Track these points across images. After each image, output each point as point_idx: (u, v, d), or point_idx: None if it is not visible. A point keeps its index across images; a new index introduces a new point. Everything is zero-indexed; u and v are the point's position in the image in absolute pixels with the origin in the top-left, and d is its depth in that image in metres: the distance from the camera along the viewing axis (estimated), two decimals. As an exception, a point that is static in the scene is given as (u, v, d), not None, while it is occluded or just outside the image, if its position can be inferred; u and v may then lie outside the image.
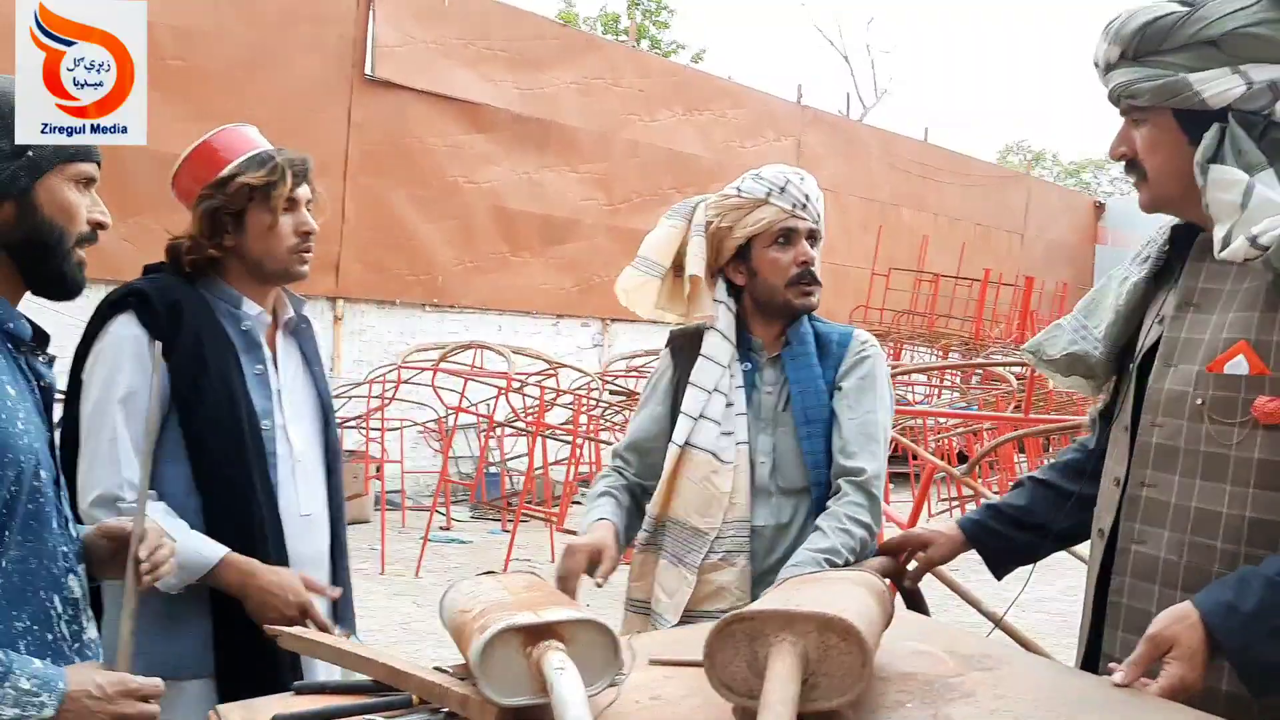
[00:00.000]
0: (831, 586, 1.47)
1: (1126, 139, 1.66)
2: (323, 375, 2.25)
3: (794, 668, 1.16)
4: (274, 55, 9.67)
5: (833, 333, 2.28)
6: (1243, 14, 1.49)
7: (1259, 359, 1.50)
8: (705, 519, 2.13)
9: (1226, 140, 1.53)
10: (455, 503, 9.79)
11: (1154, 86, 1.56)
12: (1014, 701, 1.37)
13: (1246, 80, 1.51)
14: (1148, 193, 1.67)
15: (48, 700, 1.31)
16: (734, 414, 2.19)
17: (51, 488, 1.48)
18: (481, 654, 1.22)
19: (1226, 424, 1.52)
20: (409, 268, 10.78)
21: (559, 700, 1.15)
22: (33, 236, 1.49)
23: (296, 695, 1.39)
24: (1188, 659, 1.36)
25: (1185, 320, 1.63)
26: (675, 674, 1.47)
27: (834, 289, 15.11)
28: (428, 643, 5.25)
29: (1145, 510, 1.63)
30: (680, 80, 13.82)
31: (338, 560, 2.21)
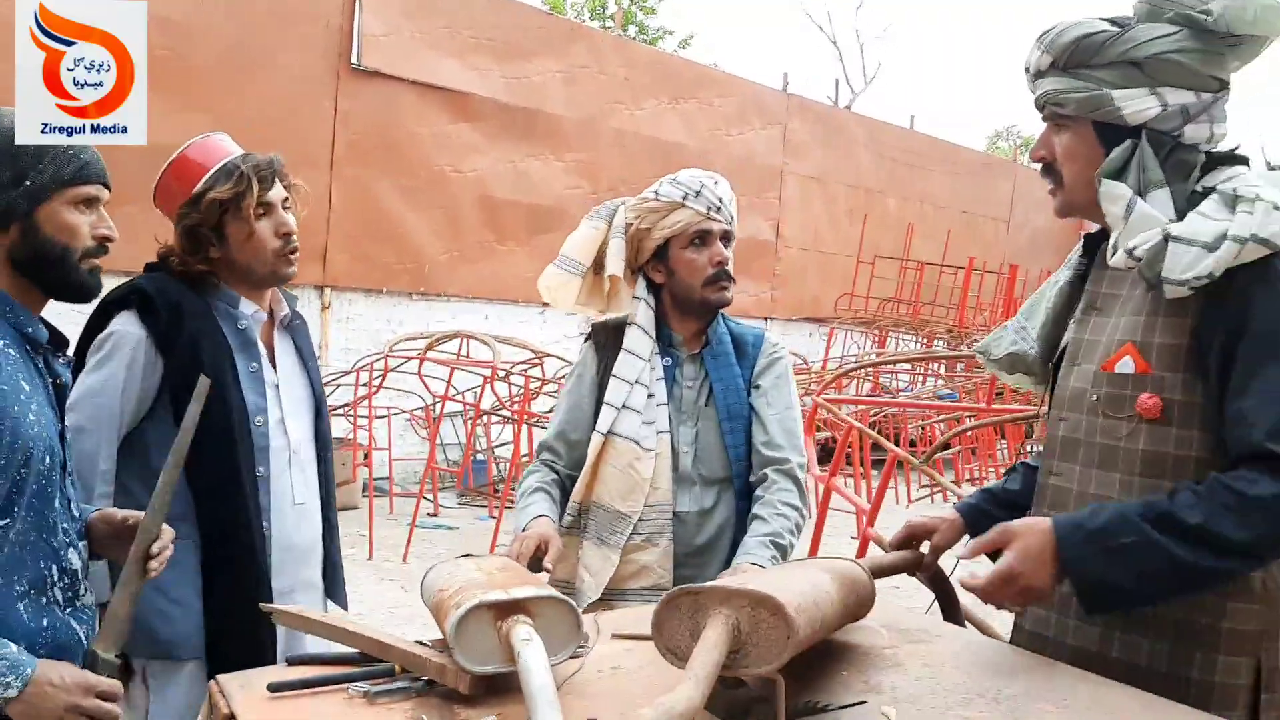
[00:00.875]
0: (792, 571, 1.59)
1: (1047, 143, 1.78)
2: (316, 370, 2.35)
3: (723, 637, 1.29)
4: (261, 46, 9.72)
5: (746, 334, 2.44)
6: (1166, 40, 1.62)
7: (1142, 359, 1.64)
8: (627, 503, 2.28)
9: (1136, 156, 1.66)
10: (442, 489, 9.92)
11: (1080, 98, 1.68)
12: (939, 669, 1.52)
13: (1162, 102, 1.64)
14: (1062, 197, 1.79)
15: (13, 682, 1.47)
16: (655, 405, 2.34)
17: (58, 472, 1.64)
18: (457, 627, 1.36)
19: (1116, 418, 1.66)
20: (396, 257, 10.85)
21: (524, 668, 1.28)
22: (38, 255, 1.62)
23: (290, 666, 1.52)
24: (1021, 552, 1.50)
25: (1089, 323, 1.77)
26: (635, 647, 1.61)
27: (820, 277, 15.33)
28: (414, 625, 5.38)
29: (1052, 497, 1.77)
30: (665, 68, 13.88)
31: (329, 544, 2.32)
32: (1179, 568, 1.49)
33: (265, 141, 9.39)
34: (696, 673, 1.22)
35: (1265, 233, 1.52)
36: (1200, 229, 1.56)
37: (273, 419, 2.17)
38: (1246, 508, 1.47)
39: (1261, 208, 1.54)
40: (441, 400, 8.63)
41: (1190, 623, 1.60)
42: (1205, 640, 1.60)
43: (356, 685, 1.41)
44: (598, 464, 2.32)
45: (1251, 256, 1.52)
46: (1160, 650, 1.61)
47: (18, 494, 1.56)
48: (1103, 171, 1.68)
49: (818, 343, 15.06)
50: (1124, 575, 1.50)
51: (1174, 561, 1.49)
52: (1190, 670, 1.60)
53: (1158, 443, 1.62)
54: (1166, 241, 1.57)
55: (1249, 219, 1.53)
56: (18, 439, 1.53)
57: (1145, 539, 1.49)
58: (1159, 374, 1.62)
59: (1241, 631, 1.59)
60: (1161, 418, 1.61)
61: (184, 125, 9.79)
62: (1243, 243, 1.51)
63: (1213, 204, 1.60)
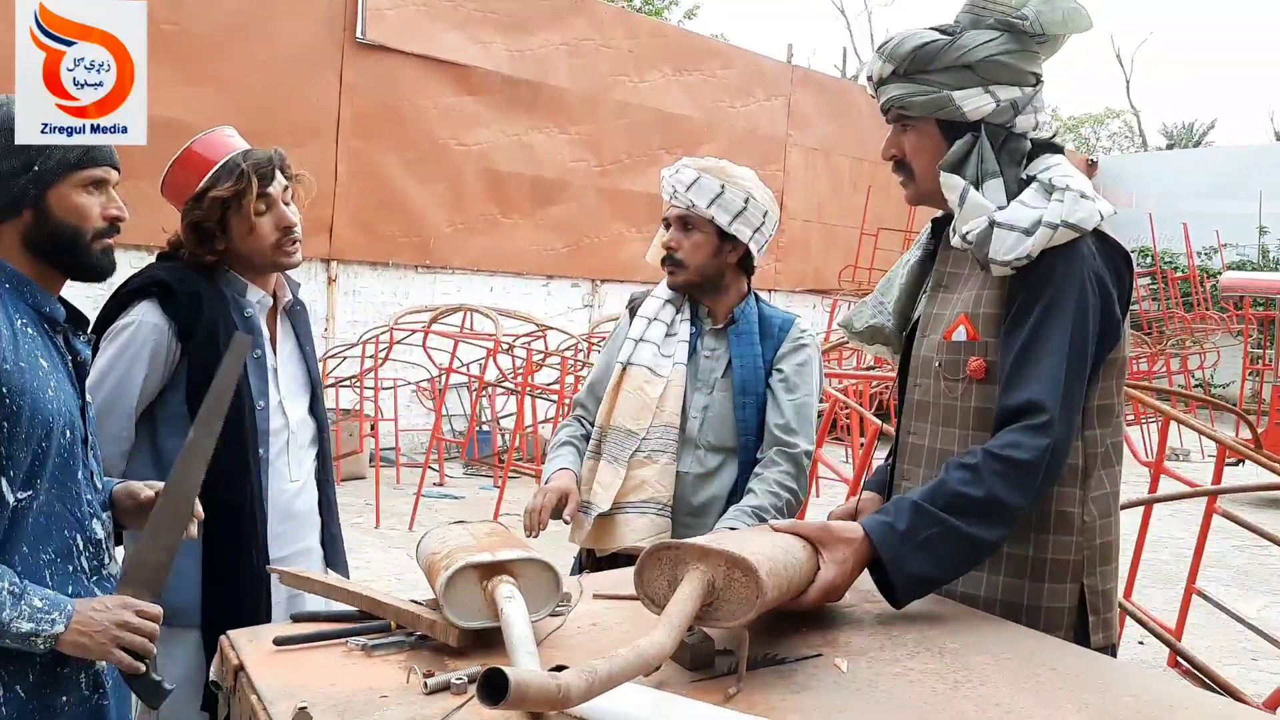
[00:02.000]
0: (766, 535, 1.68)
1: (896, 143, 1.97)
2: (313, 355, 2.44)
3: (698, 591, 1.40)
4: (266, 19, 9.78)
5: (776, 317, 2.57)
6: (991, 44, 1.83)
7: (972, 328, 1.86)
8: (637, 422, 2.46)
9: (976, 148, 1.88)
10: (448, 459, 10.06)
11: (924, 100, 1.87)
12: (891, 625, 1.64)
13: (995, 98, 1.85)
14: (914, 189, 1.98)
15: (58, 618, 1.57)
16: (676, 340, 2.53)
17: (80, 446, 1.72)
18: (446, 586, 1.48)
19: (953, 380, 1.89)
20: (401, 229, 10.95)
21: (507, 622, 1.41)
22: (51, 238, 1.68)
23: (295, 623, 1.65)
24: (839, 564, 1.63)
25: (937, 298, 1.98)
26: (614, 607, 1.73)
27: (823, 249, 15.39)
28: (419, 590, 5.49)
29: (909, 454, 2.00)
30: (669, 40, 13.89)
31: (327, 518, 2.44)
32: (975, 545, 1.69)
33: (271, 115, 9.49)
34: (670, 620, 1.34)
35: (1074, 218, 1.75)
36: (1020, 215, 1.78)
37: (272, 402, 2.26)
38: (1017, 473, 1.68)
39: (1070, 196, 1.77)
40: (446, 372, 8.76)
41: (1019, 556, 1.82)
42: (1032, 571, 1.82)
43: (355, 640, 1.53)
44: (616, 390, 2.52)
45: (1062, 240, 1.76)
46: (995, 581, 1.84)
47: (40, 467, 1.63)
48: (943, 164, 1.88)
49: (821, 314, 15.14)
50: (934, 565, 1.67)
51: (971, 541, 1.68)
52: (1022, 598, 1.82)
53: (984, 400, 1.85)
54: (992, 227, 1.80)
55: (1060, 206, 1.76)
56: (37, 414, 1.60)
57: (945, 527, 1.66)
58: (984, 340, 1.85)
59: (1063, 561, 1.82)
60: (985, 378, 1.84)
61: (189, 99, 9.83)
62: (1055, 228, 1.75)
63: (1031, 192, 1.82)
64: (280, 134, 8.80)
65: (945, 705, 1.33)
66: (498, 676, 1.08)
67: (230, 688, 1.47)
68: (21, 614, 1.53)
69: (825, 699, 1.35)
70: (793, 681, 1.41)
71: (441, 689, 1.34)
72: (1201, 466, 10.52)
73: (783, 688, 1.38)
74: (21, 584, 1.55)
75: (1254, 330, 16.56)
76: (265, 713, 1.29)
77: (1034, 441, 1.69)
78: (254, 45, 9.64)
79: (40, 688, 1.64)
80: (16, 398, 1.58)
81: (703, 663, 1.44)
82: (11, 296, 1.66)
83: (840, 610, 1.72)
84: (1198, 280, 17.74)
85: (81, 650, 1.60)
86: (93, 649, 1.60)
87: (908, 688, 1.39)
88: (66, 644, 1.58)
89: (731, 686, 1.37)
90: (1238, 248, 19.59)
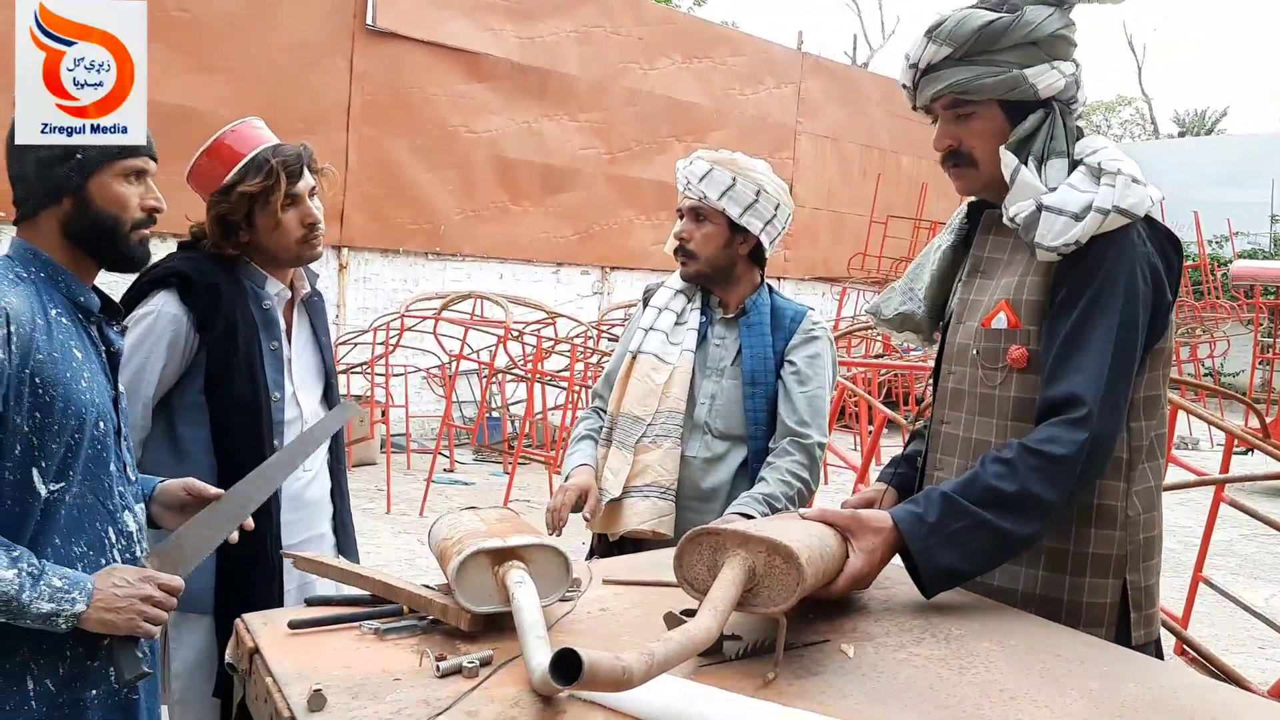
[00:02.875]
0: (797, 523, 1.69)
1: (951, 133, 1.88)
2: (329, 345, 2.46)
3: (740, 577, 1.42)
4: (277, 7, 9.78)
5: (788, 308, 2.59)
6: (1053, 19, 1.79)
7: (1014, 315, 1.81)
8: (644, 407, 2.50)
9: (1046, 125, 1.81)
10: (458, 445, 10.10)
11: (995, 81, 1.79)
12: (898, 612, 1.66)
13: (1062, 74, 1.81)
14: (976, 178, 1.90)
15: (78, 596, 1.57)
16: (685, 329, 2.56)
17: (112, 437, 1.72)
18: (458, 571, 1.50)
19: (991, 369, 1.84)
20: (411, 217, 10.96)
21: (517, 607, 1.43)
22: (91, 226, 1.68)
23: (308, 606, 1.67)
24: (868, 553, 1.62)
25: (974, 284, 1.93)
26: (623, 592, 1.75)
27: (832, 237, 15.35)
28: (429, 575, 5.52)
29: (943, 443, 1.95)
30: (678, 27, 13.85)
31: (339, 504, 2.46)
32: (1006, 540, 1.65)
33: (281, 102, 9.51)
34: (715, 605, 1.36)
35: (1125, 204, 1.69)
36: (1069, 199, 1.73)
37: (286, 394, 2.28)
38: (1053, 468, 1.63)
39: (1122, 180, 1.71)
40: (456, 359, 8.79)
41: (1059, 551, 1.78)
42: (1073, 566, 1.78)
43: (368, 623, 1.55)
44: (626, 379, 2.56)
45: (1113, 226, 1.70)
46: (1033, 576, 1.80)
47: (73, 459, 1.62)
48: (1009, 144, 1.82)
49: (829, 303, 15.11)
50: (963, 558, 1.64)
51: (1002, 535, 1.64)
52: (1061, 593, 1.78)
53: (1025, 389, 1.80)
54: (1040, 210, 1.74)
55: (1111, 191, 1.70)
56: (70, 405, 1.61)
57: (977, 519, 1.63)
58: (1027, 328, 1.79)
59: (1104, 556, 1.78)
60: (1027, 367, 1.79)
61: (201, 87, 9.84)
62: (1106, 213, 1.69)
63: (1080, 176, 1.76)
64: (291, 121, 8.83)
65: (950, 691, 1.35)
66: (572, 656, 1.09)
67: (245, 670, 1.49)
68: (41, 595, 1.54)
69: (831, 684, 1.37)
70: (799, 666, 1.43)
71: (453, 672, 1.37)
72: (1211, 455, 10.50)
73: (789, 672, 1.40)
74: (40, 565, 1.56)
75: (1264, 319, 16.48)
76: (280, 694, 1.31)
77: (1072, 436, 1.64)
78: (265, 33, 9.64)
79: (70, 682, 1.65)
80: (49, 389, 1.58)
81: (712, 648, 1.46)
82: (46, 286, 1.66)
83: (848, 596, 1.74)
84: (1208, 268, 17.64)
85: (108, 627, 1.60)
86: (120, 625, 1.61)
87: (913, 673, 1.41)
88: (92, 622, 1.59)
89: (770, 671, 1.38)
90: (1249, 236, 19.49)
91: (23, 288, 1.62)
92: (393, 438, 9.81)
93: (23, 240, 1.69)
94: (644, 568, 1.86)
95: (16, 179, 1.68)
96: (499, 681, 1.34)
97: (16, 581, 1.52)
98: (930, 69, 1.85)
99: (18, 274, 1.64)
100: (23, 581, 1.53)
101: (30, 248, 1.68)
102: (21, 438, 1.57)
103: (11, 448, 1.56)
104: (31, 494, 1.59)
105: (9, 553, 1.53)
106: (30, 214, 1.68)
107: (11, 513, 1.57)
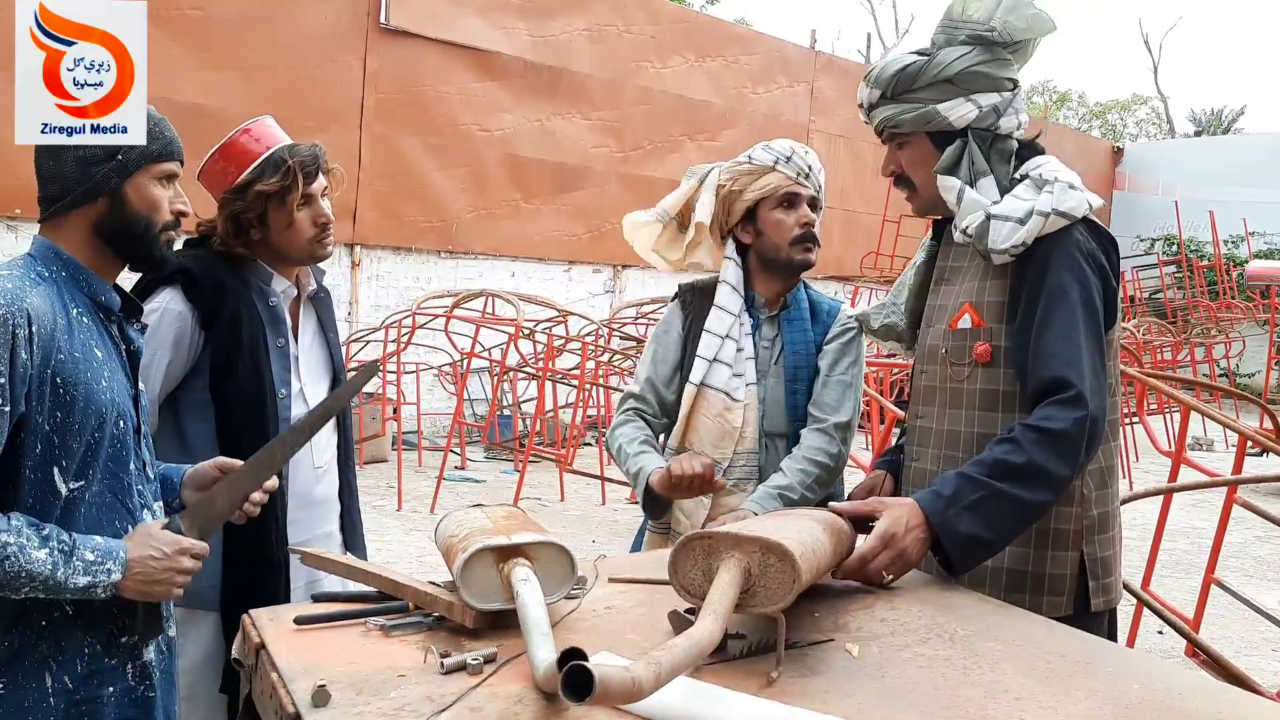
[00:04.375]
0: (789, 519, 1.72)
1: (893, 160, 2.13)
2: (336, 342, 2.45)
3: (737, 579, 1.42)
4: (291, 4, 9.83)
5: (823, 302, 2.58)
6: (966, 58, 2.01)
7: (977, 315, 2.02)
8: (719, 450, 2.42)
9: (966, 153, 2.04)
10: (469, 443, 10.13)
11: (912, 116, 2.04)
12: (903, 611, 1.66)
13: (977, 105, 2.02)
14: (918, 200, 2.14)
15: (113, 566, 1.59)
16: (744, 358, 2.47)
17: (131, 436, 1.72)
18: (463, 569, 1.51)
19: (959, 365, 2.04)
20: (424, 215, 10.99)
21: (522, 604, 1.43)
22: (123, 227, 1.69)
23: (315, 603, 1.68)
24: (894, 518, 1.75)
25: (939, 291, 2.14)
26: (628, 590, 1.75)
27: (845, 236, 15.34)
28: (439, 572, 5.54)
29: (919, 437, 2.14)
30: (691, 26, 13.85)
31: (348, 502, 2.47)
32: (1022, 507, 1.79)
33: (295, 100, 9.55)
34: (715, 609, 1.36)
35: (1064, 206, 1.91)
36: (1014, 207, 1.94)
37: (293, 390, 2.28)
38: (1055, 441, 1.79)
39: (1059, 187, 1.93)
40: (468, 357, 8.81)
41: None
42: (1036, 539, 1.95)
43: (374, 620, 1.56)
44: (691, 414, 2.46)
45: (1055, 227, 1.91)
46: (1006, 552, 1.95)
47: (93, 458, 1.62)
48: (938, 168, 2.04)
49: (843, 301, 15.07)
50: (983, 526, 1.77)
51: (1018, 502, 1.78)
52: (1026, 565, 1.96)
53: (990, 382, 2.00)
54: (989, 220, 1.95)
55: (1050, 197, 1.92)
56: (90, 405, 1.61)
57: (991, 490, 1.77)
58: (989, 325, 1.99)
59: (1063, 530, 1.96)
60: (991, 361, 1.98)
61: (214, 84, 9.89)
62: (1046, 215, 1.90)
63: (1024, 187, 1.98)
64: (304, 119, 8.87)
65: (955, 691, 1.35)
66: (582, 673, 1.08)
67: (251, 665, 1.50)
68: (75, 570, 1.56)
69: (836, 683, 1.37)
70: (804, 665, 1.43)
71: (458, 669, 1.37)
72: (1224, 457, 10.44)
73: (794, 671, 1.40)
74: (70, 540, 1.57)
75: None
76: (285, 690, 1.32)
77: (1068, 413, 1.79)
78: (278, 30, 9.69)
79: (87, 678, 1.66)
80: (70, 389, 1.59)
81: (716, 646, 1.46)
82: (68, 285, 1.67)
83: (852, 596, 1.74)
84: (1224, 268, 17.55)
85: (146, 595, 1.65)
86: (157, 594, 1.65)
87: (918, 673, 1.41)
88: (130, 591, 1.62)
89: (773, 671, 1.38)
90: (1265, 236, 19.37)
91: (44, 287, 1.62)
92: (404, 435, 9.84)
93: (46, 239, 1.69)
94: (648, 566, 1.86)
95: (51, 176, 1.67)
96: (503, 678, 1.34)
97: (50, 561, 1.54)
98: (871, 107, 2.11)
99: (39, 273, 1.64)
100: (56, 560, 1.54)
101: (53, 247, 1.68)
102: (43, 437, 1.58)
103: (33, 447, 1.57)
104: (52, 492, 1.60)
105: (39, 532, 1.55)
106: (60, 212, 1.68)
107: (32, 510, 1.58)
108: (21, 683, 1.60)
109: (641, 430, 2.52)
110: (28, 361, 1.54)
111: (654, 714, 1.24)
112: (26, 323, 1.54)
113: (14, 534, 1.52)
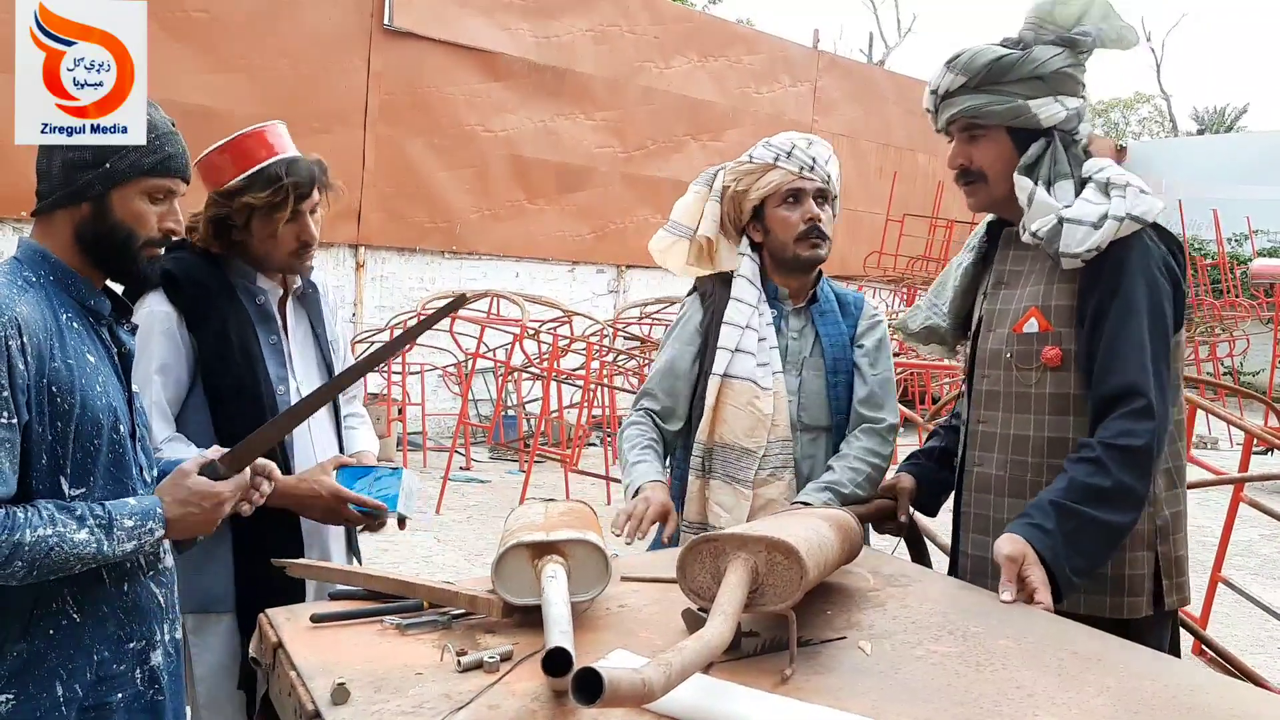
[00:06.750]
0: (797, 518, 1.73)
1: (964, 153, 2.10)
2: (325, 336, 2.42)
3: (744, 579, 1.43)
4: (295, 6, 9.83)
5: (848, 295, 2.58)
6: (1059, 58, 2.01)
7: (1044, 319, 2.01)
8: (753, 439, 2.37)
9: (1049, 152, 2.02)
10: (474, 444, 10.13)
11: (1001, 109, 2.02)
12: (915, 609, 1.67)
13: (1064, 106, 2.02)
14: (985, 195, 2.11)
15: (155, 525, 1.64)
16: (768, 347, 2.44)
17: (129, 440, 1.72)
18: (498, 563, 1.53)
19: (1026, 369, 2.03)
20: (428, 215, 11.00)
21: (546, 600, 1.44)
22: (104, 236, 1.66)
23: (332, 601, 1.69)
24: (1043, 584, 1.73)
25: (999, 295, 2.12)
26: (641, 588, 1.77)
27: (848, 235, 15.31)
28: (446, 574, 5.58)
29: (981, 441, 2.13)
30: (694, 26, 13.85)
31: None
32: (1112, 530, 1.83)
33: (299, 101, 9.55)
34: (724, 609, 1.37)
35: (1137, 211, 1.91)
36: (1087, 211, 1.94)
37: (291, 387, 2.28)
38: (1135, 459, 1.80)
39: (1132, 191, 1.93)
40: (473, 357, 8.81)
41: None
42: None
43: (389, 618, 1.57)
44: (718, 406, 2.40)
45: (1128, 231, 1.91)
46: None
47: (93, 464, 1.62)
48: (1020, 167, 2.03)
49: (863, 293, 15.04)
50: (1084, 557, 1.80)
51: (1109, 527, 1.82)
52: (1108, 568, 1.95)
53: (1060, 386, 2.00)
54: (1061, 223, 1.94)
55: (1123, 201, 1.92)
56: (87, 411, 1.61)
57: (1084, 516, 1.80)
58: (1058, 330, 1.99)
59: (1139, 531, 1.94)
60: (1061, 365, 1.98)
61: (218, 86, 9.90)
62: (1121, 220, 1.90)
63: (1091, 191, 1.98)
64: (308, 120, 8.88)
65: (967, 688, 1.36)
66: (592, 676, 1.09)
67: (269, 664, 1.51)
68: (118, 539, 1.59)
69: (849, 681, 1.38)
70: (817, 663, 1.44)
71: (474, 667, 1.38)
72: (1230, 455, 10.42)
73: (807, 669, 1.41)
74: (105, 512, 1.59)
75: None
76: (304, 688, 1.33)
77: (1143, 427, 1.82)
78: (282, 32, 9.70)
79: (97, 685, 1.66)
80: (66, 397, 1.58)
81: (729, 646, 1.47)
82: (56, 290, 1.65)
83: (864, 593, 1.75)
84: (1228, 267, 17.53)
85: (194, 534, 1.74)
86: (207, 531, 1.75)
87: (930, 670, 1.42)
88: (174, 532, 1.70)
89: (786, 668, 1.40)
90: (1269, 234, 19.34)
91: (32, 294, 1.60)
92: (409, 436, 9.85)
93: (32, 242, 1.68)
94: (661, 565, 1.87)
95: (42, 174, 1.67)
96: (519, 676, 1.36)
97: (93, 540, 1.56)
98: (948, 95, 2.07)
99: (26, 279, 1.62)
100: (99, 536, 1.57)
101: (40, 250, 1.66)
102: (46, 447, 1.57)
103: (38, 457, 1.57)
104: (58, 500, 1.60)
105: (73, 514, 1.56)
106: (47, 210, 1.67)
107: None
108: (33, 693, 1.60)
109: (645, 434, 2.46)
110: (24, 371, 1.53)
111: (669, 710, 1.25)
112: (18, 333, 1.53)
113: (48, 524, 1.52)
